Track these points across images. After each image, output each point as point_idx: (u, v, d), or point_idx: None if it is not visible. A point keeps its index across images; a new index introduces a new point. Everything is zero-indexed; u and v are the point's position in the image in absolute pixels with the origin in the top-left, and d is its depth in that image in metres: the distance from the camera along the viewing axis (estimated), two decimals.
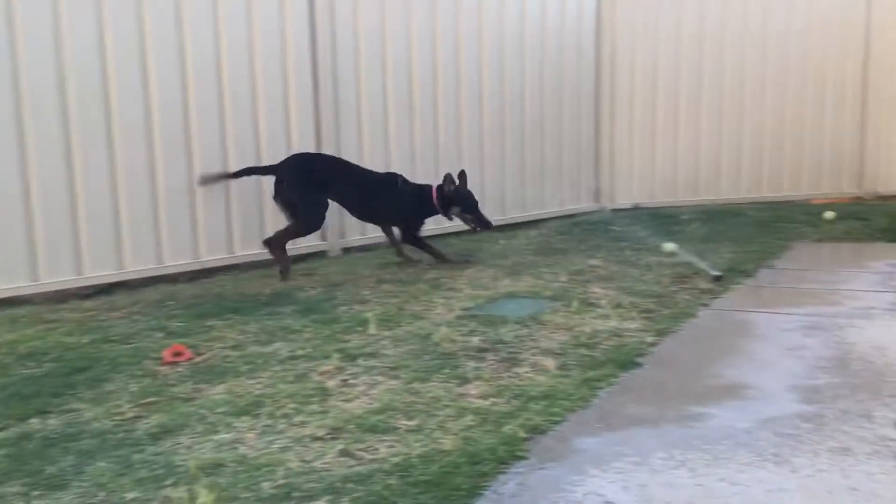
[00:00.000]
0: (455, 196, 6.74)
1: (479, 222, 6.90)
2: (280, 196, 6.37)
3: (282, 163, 6.52)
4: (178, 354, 4.32)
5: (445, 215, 6.90)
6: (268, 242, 6.38)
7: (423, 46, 8.07)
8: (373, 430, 3.31)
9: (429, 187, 6.82)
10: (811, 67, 10.28)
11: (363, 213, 6.87)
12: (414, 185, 6.87)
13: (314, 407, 3.58)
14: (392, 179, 6.77)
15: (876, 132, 10.43)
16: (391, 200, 6.67)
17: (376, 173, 6.90)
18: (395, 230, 6.97)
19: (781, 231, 8.00)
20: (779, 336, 4.51)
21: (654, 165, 10.34)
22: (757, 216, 8.98)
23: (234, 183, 6.61)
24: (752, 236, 7.73)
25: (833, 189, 10.39)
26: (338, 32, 7.39)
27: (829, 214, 8.59)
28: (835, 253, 7.17)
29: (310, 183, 6.36)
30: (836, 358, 4.07)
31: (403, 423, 3.38)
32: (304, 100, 7.20)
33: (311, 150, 7.13)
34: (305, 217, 6.38)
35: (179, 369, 4.18)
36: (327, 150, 7.23)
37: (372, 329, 4.75)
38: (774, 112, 10.32)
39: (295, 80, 7.12)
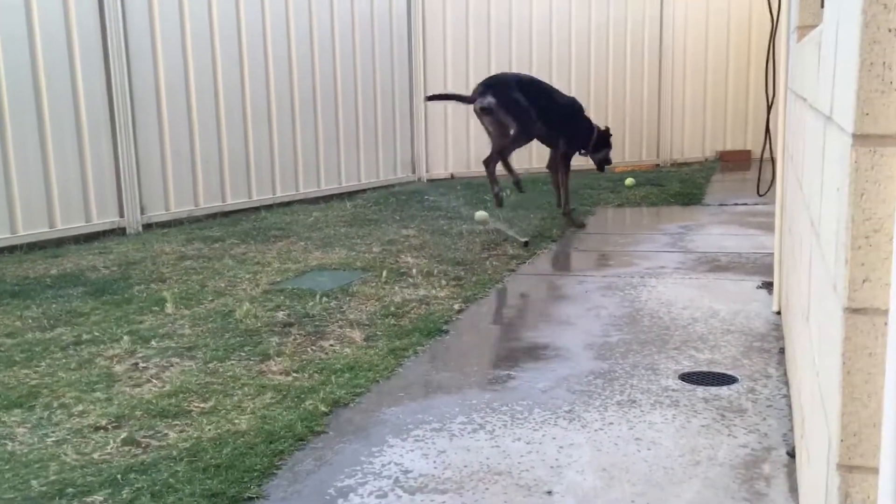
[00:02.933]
0: (607, 142, 7.28)
1: (604, 165, 7.46)
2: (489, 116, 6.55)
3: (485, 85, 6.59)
4: None
5: (589, 151, 7.25)
6: (486, 163, 6.66)
7: (227, 25, 7.68)
8: (162, 415, 3.10)
9: (596, 126, 7.26)
10: (613, 42, 10.76)
11: (550, 127, 6.91)
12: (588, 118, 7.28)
13: (98, 395, 3.31)
14: (578, 105, 7.18)
15: (670, 104, 11.11)
16: (573, 123, 7.06)
17: (565, 96, 7.23)
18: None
19: (586, 197, 8.35)
20: (578, 297, 4.68)
21: (469, 136, 10.48)
22: None
23: (11, 160, 6.05)
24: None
25: (634, 157, 10.99)
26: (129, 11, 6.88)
27: (629, 181, 9.07)
28: (633, 217, 7.57)
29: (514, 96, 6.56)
30: (629, 315, 4.27)
31: (197, 405, 3.20)
32: (95, 85, 6.65)
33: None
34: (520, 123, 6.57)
35: None
36: (123, 135, 6.76)
37: (169, 308, 4.47)
38: (580, 84, 10.72)
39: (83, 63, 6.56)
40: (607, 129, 7.38)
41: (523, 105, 6.61)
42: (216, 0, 7.59)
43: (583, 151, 7.25)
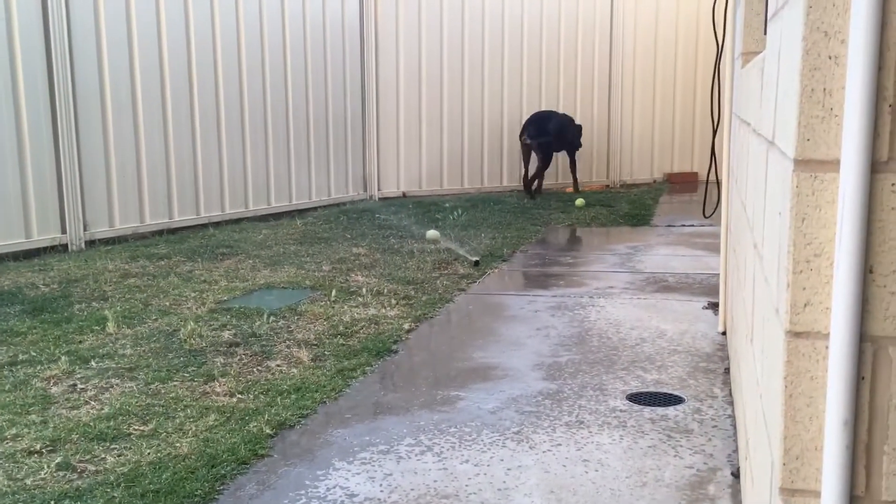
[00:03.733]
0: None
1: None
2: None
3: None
4: None
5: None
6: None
7: (175, 37, 7.58)
8: (100, 438, 3.00)
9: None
10: (564, 66, 10.91)
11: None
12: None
13: (33, 417, 3.19)
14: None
15: (619, 128, 11.28)
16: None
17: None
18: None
19: (537, 217, 8.40)
20: (528, 317, 4.68)
21: (421, 155, 10.50)
22: (516, 203, 9.39)
23: None
24: (510, 222, 8.05)
25: (585, 178, 11.11)
26: (74, 19, 6.74)
27: (579, 202, 9.16)
28: (583, 237, 7.63)
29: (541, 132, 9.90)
30: (578, 336, 4.29)
31: (136, 428, 3.10)
32: (36, 89, 6.49)
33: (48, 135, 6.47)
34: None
35: None
36: (65, 138, 6.62)
37: (111, 328, 4.35)
38: (531, 107, 10.83)
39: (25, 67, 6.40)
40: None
41: (546, 141, 9.92)
42: (164, 13, 7.49)
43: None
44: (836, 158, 1.23)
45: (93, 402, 3.36)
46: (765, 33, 3.09)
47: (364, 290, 5.22)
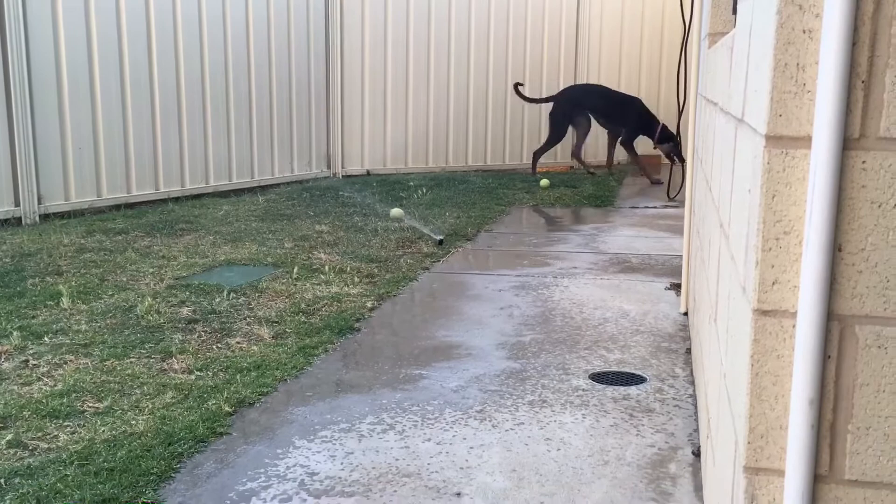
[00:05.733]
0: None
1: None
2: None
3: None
4: None
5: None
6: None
7: (135, 9, 7.39)
8: (52, 415, 2.92)
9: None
10: (531, 45, 10.86)
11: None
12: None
13: None
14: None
15: None
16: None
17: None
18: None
19: (501, 197, 8.38)
20: (492, 296, 4.67)
21: (385, 133, 10.41)
22: (481, 183, 9.36)
23: None
24: (474, 202, 8.02)
25: (550, 159, 11.10)
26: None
27: (544, 182, 9.16)
28: (547, 217, 7.64)
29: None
30: (542, 315, 4.28)
31: (91, 405, 3.03)
32: None
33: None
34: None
35: None
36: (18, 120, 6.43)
37: (65, 303, 4.24)
38: (497, 86, 10.77)
39: None
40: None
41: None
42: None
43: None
44: (808, 135, 1.22)
45: (46, 379, 3.27)
46: (734, 13, 3.08)
47: (327, 267, 5.16)
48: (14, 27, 6.41)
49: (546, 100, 10.11)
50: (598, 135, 10.58)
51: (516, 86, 10.07)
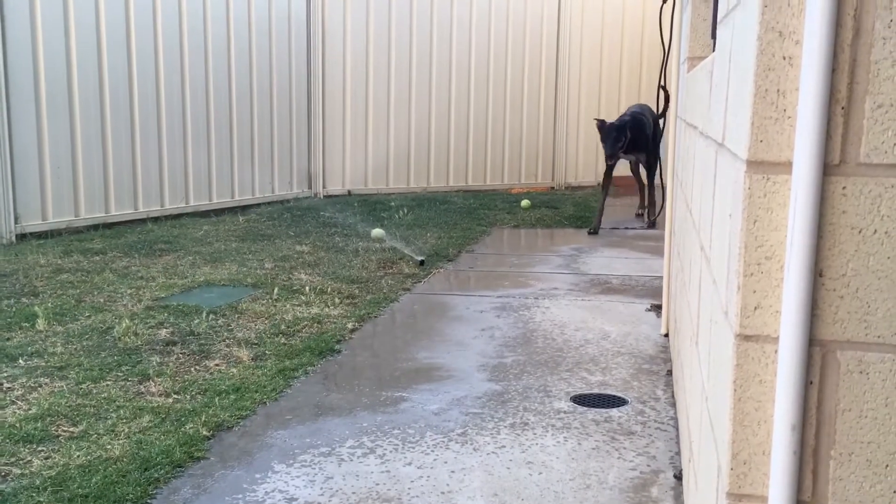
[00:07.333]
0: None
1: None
2: None
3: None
4: None
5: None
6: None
7: (115, 28, 7.36)
8: (26, 440, 2.87)
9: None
10: (511, 66, 10.93)
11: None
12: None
13: None
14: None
15: (565, 130, 11.36)
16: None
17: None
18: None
19: (483, 218, 8.39)
20: (473, 317, 4.66)
21: (367, 153, 10.40)
22: (462, 203, 9.37)
23: None
24: (455, 222, 8.02)
25: (530, 179, 11.16)
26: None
27: (525, 203, 9.19)
28: (528, 238, 7.65)
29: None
30: (523, 337, 4.28)
31: (66, 429, 2.98)
32: None
33: None
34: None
35: None
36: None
37: (41, 324, 4.18)
38: (478, 107, 10.83)
39: None
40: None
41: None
42: (104, 4, 7.26)
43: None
44: (789, 160, 1.22)
45: (20, 402, 3.22)
46: (712, 37, 3.12)
47: (307, 288, 5.13)
48: None
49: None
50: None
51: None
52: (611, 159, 7.82)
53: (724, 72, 1.67)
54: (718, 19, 1.98)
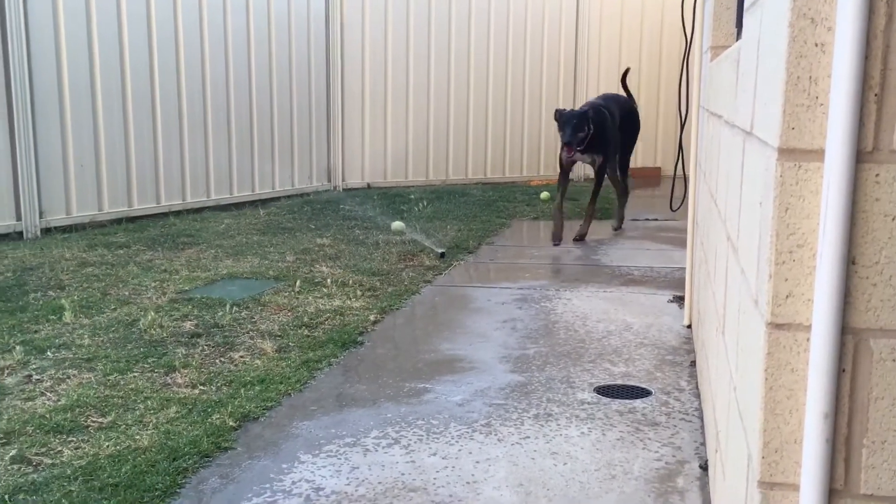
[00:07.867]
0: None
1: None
2: None
3: None
4: None
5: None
6: None
7: (137, 25, 7.41)
8: (56, 430, 2.91)
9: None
10: (530, 59, 10.90)
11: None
12: None
13: None
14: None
15: None
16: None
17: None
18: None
19: (502, 210, 8.38)
20: (494, 309, 4.66)
21: (386, 146, 10.42)
22: (481, 196, 9.36)
23: None
24: (475, 215, 8.02)
25: (550, 172, 11.12)
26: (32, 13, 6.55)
27: (544, 195, 9.16)
28: (548, 230, 7.62)
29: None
30: (545, 328, 4.28)
31: (94, 420, 3.02)
32: None
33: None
34: None
35: None
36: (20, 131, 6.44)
37: (68, 317, 4.24)
38: (496, 99, 10.80)
39: None
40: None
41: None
42: (125, 2, 7.31)
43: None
44: (821, 148, 1.22)
45: (49, 394, 3.26)
46: (737, 26, 3.10)
47: (329, 281, 5.16)
48: (16, 41, 6.43)
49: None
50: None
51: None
52: (568, 150, 6.47)
53: (752, 60, 1.67)
54: (745, 7, 1.97)
